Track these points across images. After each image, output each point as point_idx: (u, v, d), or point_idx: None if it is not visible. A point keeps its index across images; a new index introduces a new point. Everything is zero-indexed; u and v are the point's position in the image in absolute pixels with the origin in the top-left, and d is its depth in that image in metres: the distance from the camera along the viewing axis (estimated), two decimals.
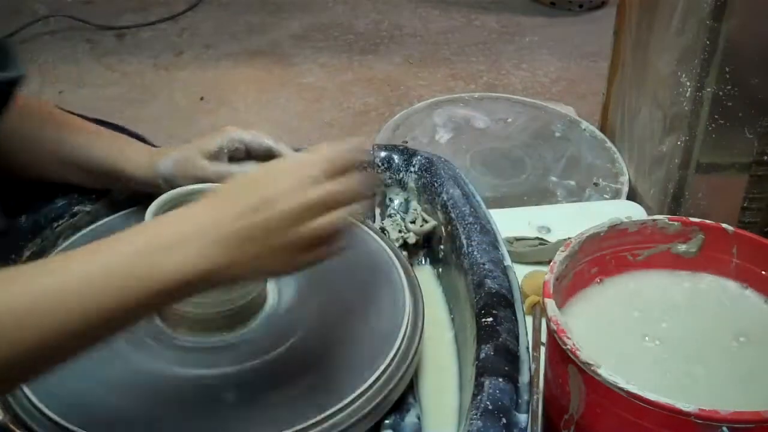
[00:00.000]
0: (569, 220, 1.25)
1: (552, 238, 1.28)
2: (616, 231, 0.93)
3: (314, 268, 0.96)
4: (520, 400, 0.77)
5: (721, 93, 1.28)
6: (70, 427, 0.77)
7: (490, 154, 1.78)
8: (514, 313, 0.87)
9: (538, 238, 1.27)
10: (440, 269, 1.09)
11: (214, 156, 0.96)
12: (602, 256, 0.94)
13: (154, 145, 1.07)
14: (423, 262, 1.13)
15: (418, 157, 1.13)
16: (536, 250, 1.24)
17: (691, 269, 0.94)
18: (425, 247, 1.13)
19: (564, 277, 0.90)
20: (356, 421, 0.80)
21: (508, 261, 0.95)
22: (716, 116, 1.30)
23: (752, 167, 1.33)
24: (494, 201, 1.58)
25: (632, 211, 1.33)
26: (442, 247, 1.08)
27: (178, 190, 0.91)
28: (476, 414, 0.74)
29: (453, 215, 1.03)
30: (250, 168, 0.97)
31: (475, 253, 0.95)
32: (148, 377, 0.82)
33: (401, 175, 1.13)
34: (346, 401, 0.80)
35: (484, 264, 0.93)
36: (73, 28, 2.68)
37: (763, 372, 0.84)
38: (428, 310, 0.94)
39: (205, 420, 0.79)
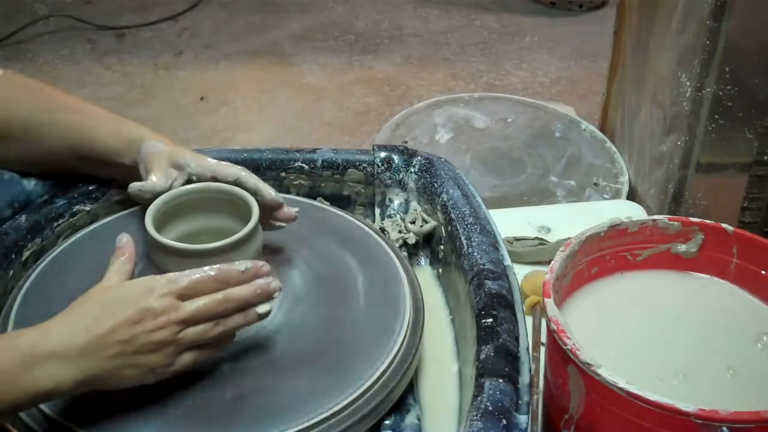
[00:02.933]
0: (569, 220, 1.25)
1: (552, 238, 1.28)
2: (616, 231, 0.93)
3: (314, 269, 0.97)
4: (520, 401, 0.77)
5: (721, 93, 1.28)
6: (70, 425, 0.78)
7: (490, 154, 1.78)
8: (514, 313, 0.87)
9: (538, 238, 1.27)
10: (440, 270, 1.09)
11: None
12: (602, 256, 0.94)
13: None
14: (423, 262, 1.13)
15: (418, 157, 1.13)
16: (536, 250, 1.24)
17: (691, 269, 0.94)
18: (425, 247, 1.13)
19: (564, 277, 0.90)
20: (356, 421, 0.80)
21: (508, 262, 0.95)
22: (716, 116, 1.30)
23: (752, 167, 1.33)
24: (494, 201, 1.58)
25: (632, 211, 1.33)
26: (441, 247, 1.08)
27: (177, 190, 0.91)
28: (476, 415, 0.74)
29: (453, 216, 1.03)
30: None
31: (475, 253, 0.95)
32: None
33: (401, 176, 1.13)
34: (346, 401, 0.80)
35: (484, 265, 0.93)
36: (73, 28, 2.68)
37: (761, 371, 0.84)
38: (428, 311, 0.94)
39: (204, 420, 0.79)
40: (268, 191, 0.89)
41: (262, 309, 0.81)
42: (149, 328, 0.74)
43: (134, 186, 0.89)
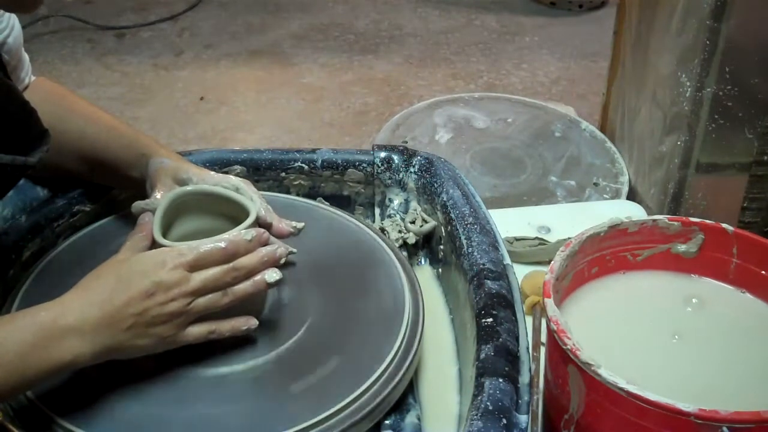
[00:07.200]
0: (569, 220, 1.25)
1: (552, 238, 1.28)
2: (616, 231, 0.93)
3: (315, 268, 0.97)
4: (520, 401, 0.77)
5: (721, 93, 1.28)
6: (69, 426, 0.78)
7: (490, 154, 1.78)
8: (514, 313, 0.87)
9: (538, 238, 1.27)
10: (440, 270, 1.09)
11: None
12: (602, 256, 0.94)
13: None
14: (423, 262, 1.13)
15: (418, 157, 1.13)
16: (536, 250, 1.24)
17: (691, 269, 0.94)
18: (425, 247, 1.13)
19: (564, 277, 0.90)
20: (356, 421, 0.80)
21: (508, 261, 0.95)
22: (716, 116, 1.30)
23: (752, 167, 1.33)
24: (494, 201, 1.58)
25: (632, 211, 1.33)
26: (441, 247, 1.08)
27: (182, 189, 0.91)
28: (476, 414, 0.74)
29: (453, 216, 1.03)
30: None
31: (474, 253, 0.95)
32: (143, 372, 0.83)
33: (401, 176, 1.13)
34: (346, 401, 0.80)
35: (484, 264, 0.93)
36: (73, 28, 2.68)
37: (761, 370, 0.84)
38: (428, 311, 0.94)
39: (204, 419, 0.79)
40: (260, 209, 0.90)
41: (271, 278, 0.83)
42: (161, 301, 0.77)
43: (137, 204, 0.91)
